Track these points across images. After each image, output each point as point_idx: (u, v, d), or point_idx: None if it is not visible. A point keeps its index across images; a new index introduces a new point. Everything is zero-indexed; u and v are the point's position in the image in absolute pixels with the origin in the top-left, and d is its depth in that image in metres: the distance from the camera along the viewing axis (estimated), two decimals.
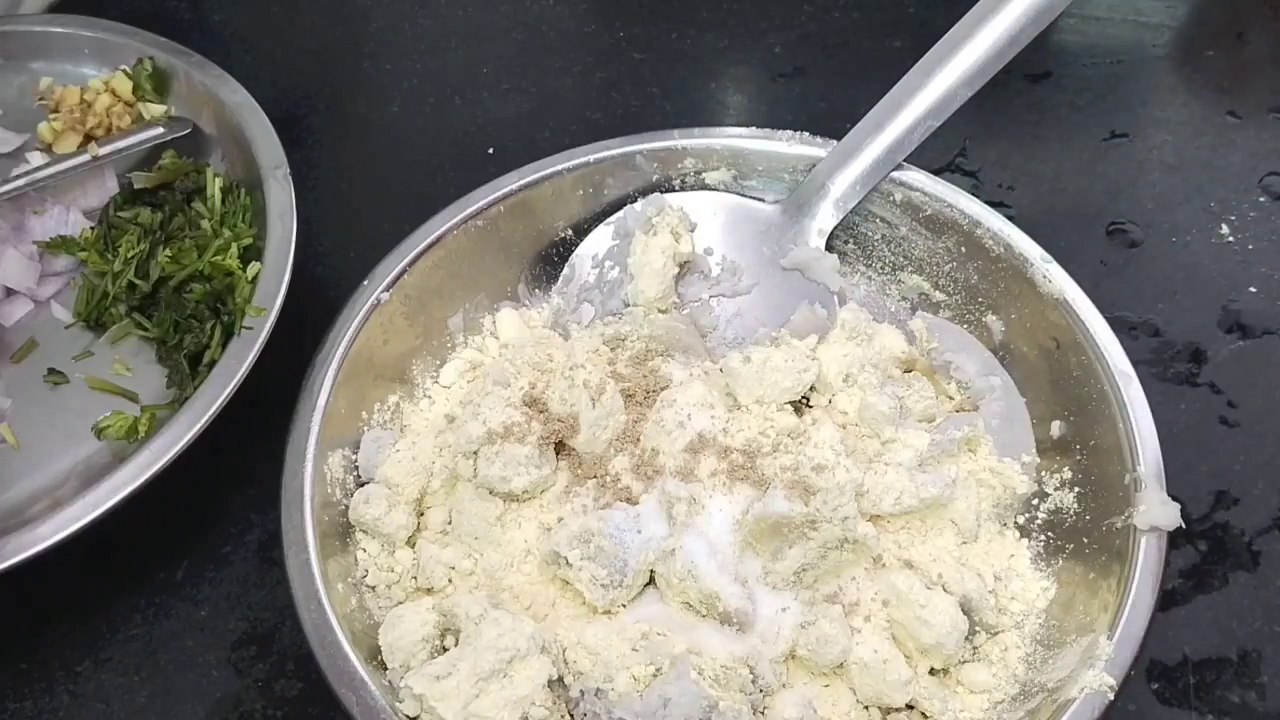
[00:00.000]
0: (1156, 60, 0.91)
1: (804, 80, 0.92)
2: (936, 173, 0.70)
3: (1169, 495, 0.56)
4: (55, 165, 0.78)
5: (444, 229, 0.69)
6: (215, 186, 0.77)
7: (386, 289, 0.66)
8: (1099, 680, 0.52)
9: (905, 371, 0.67)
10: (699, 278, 0.72)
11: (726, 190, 0.73)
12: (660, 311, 0.70)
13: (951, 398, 0.67)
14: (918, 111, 0.67)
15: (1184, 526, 0.56)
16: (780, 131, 0.72)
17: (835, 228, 0.70)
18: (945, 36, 0.68)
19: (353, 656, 0.54)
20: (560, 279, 0.73)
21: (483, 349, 0.71)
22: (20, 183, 0.76)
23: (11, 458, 0.69)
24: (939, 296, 0.70)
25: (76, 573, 0.65)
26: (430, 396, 0.69)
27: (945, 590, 0.57)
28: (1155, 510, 0.56)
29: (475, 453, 0.61)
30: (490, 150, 0.88)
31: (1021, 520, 0.63)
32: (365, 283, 0.66)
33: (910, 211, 0.70)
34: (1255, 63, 0.91)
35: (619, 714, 0.53)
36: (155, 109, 0.84)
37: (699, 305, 0.71)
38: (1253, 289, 0.76)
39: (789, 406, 0.64)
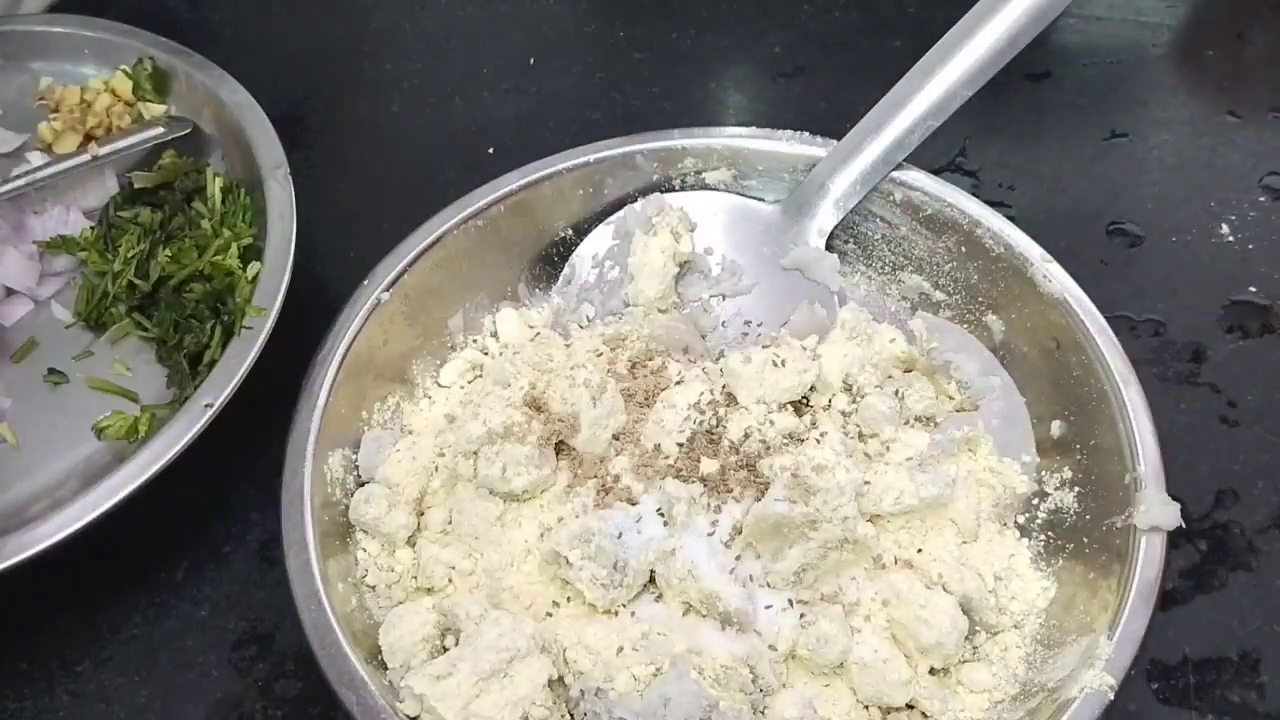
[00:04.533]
0: (1156, 60, 0.91)
1: (804, 80, 0.92)
2: (936, 173, 0.70)
3: (1169, 495, 0.57)
4: (55, 165, 0.78)
5: (444, 229, 0.69)
6: (215, 186, 0.77)
7: (386, 289, 0.66)
8: (1099, 680, 0.52)
9: (905, 371, 0.67)
10: (699, 278, 0.72)
11: (726, 190, 0.73)
12: (660, 311, 0.70)
13: (951, 398, 0.67)
14: (918, 111, 0.67)
15: (1184, 526, 0.56)
16: (780, 131, 0.72)
17: (835, 228, 0.70)
18: (945, 36, 0.68)
19: (353, 656, 0.54)
20: (560, 279, 0.73)
21: (483, 349, 0.71)
22: (20, 183, 0.76)
23: (11, 458, 0.69)
24: (939, 296, 0.70)
25: (76, 573, 0.65)
26: (430, 396, 0.69)
27: (945, 590, 0.57)
28: (1155, 510, 0.56)
29: (475, 453, 0.61)
30: (490, 150, 0.88)
31: (1021, 520, 0.63)
32: (365, 283, 0.66)
33: (910, 211, 0.70)
34: (1255, 63, 0.91)
35: (619, 714, 0.53)
36: (155, 109, 0.84)
37: (699, 305, 0.72)
38: (1253, 289, 0.76)
39: (789, 406, 0.64)
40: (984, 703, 0.56)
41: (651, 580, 0.58)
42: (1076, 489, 0.62)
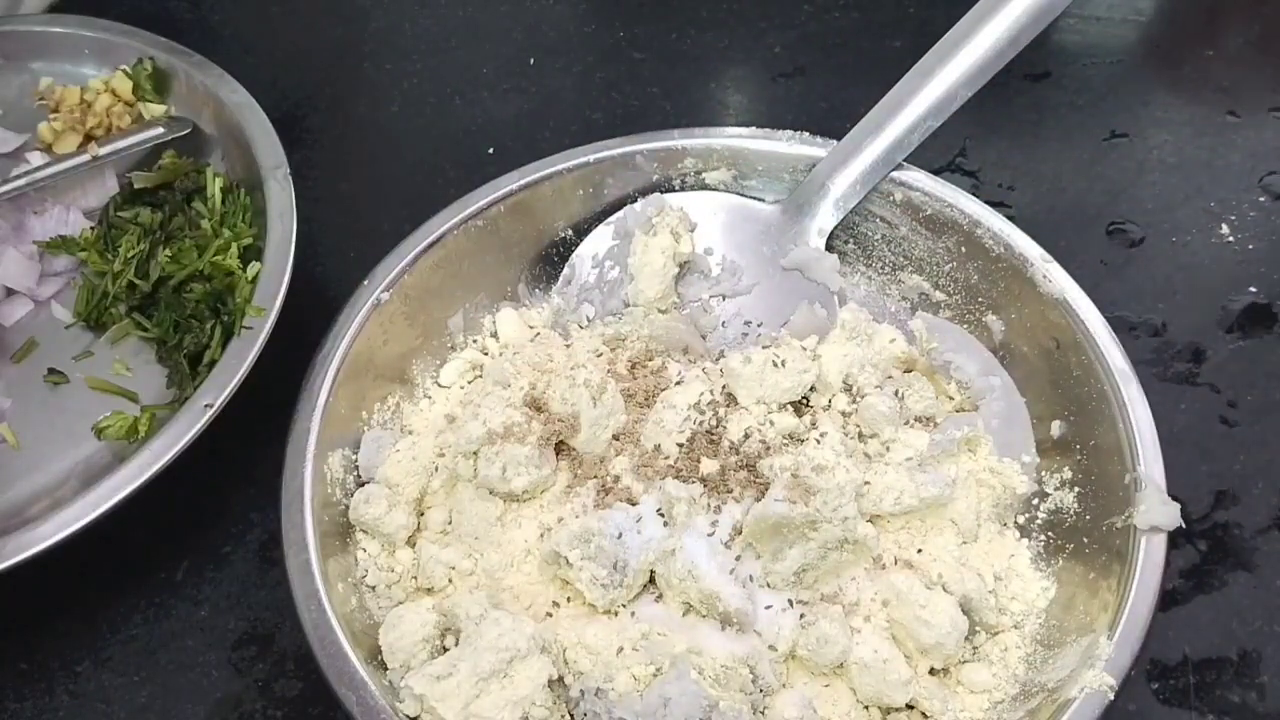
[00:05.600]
0: (1157, 60, 0.91)
1: (804, 80, 0.92)
2: (936, 173, 0.70)
3: (1169, 495, 0.57)
4: (55, 165, 0.78)
5: (444, 229, 0.69)
6: (215, 186, 0.77)
7: (386, 289, 0.66)
8: (1099, 680, 0.52)
9: (905, 371, 0.67)
10: (699, 278, 0.72)
11: (726, 190, 0.73)
12: (660, 311, 0.70)
13: (951, 398, 0.67)
14: (918, 111, 0.67)
15: (1184, 526, 0.56)
16: (780, 131, 0.72)
17: (835, 228, 0.70)
18: (945, 36, 0.68)
19: (353, 656, 0.54)
20: (560, 279, 0.73)
21: (483, 349, 0.71)
22: (20, 183, 0.76)
23: (11, 458, 0.69)
24: (939, 296, 0.70)
25: (76, 573, 0.65)
26: (430, 396, 0.69)
27: (945, 590, 0.57)
28: (1155, 510, 0.56)
29: (475, 453, 0.61)
30: (490, 150, 0.88)
31: (1021, 520, 0.63)
32: (365, 283, 0.66)
33: (910, 211, 0.70)
34: (1255, 63, 0.91)
35: (619, 714, 0.53)
36: (155, 109, 0.84)
37: (699, 305, 0.71)
38: (1253, 289, 0.76)
39: (789, 407, 0.64)
40: (984, 703, 0.56)
41: (651, 580, 0.58)
42: (1076, 489, 0.62)
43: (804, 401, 0.65)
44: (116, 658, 0.64)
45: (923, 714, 0.56)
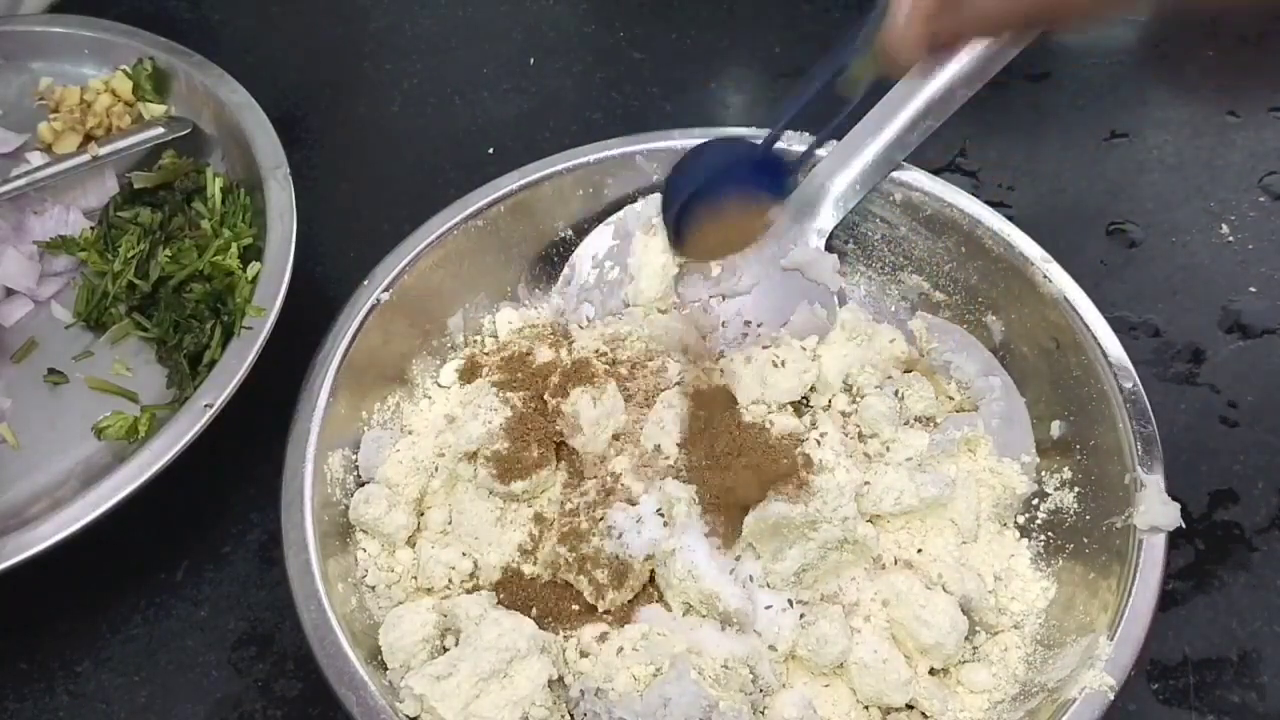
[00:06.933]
0: (1157, 60, 0.91)
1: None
2: (936, 173, 0.70)
3: (1169, 495, 0.57)
4: (55, 165, 0.78)
5: (444, 229, 0.69)
6: (215, 186, 0.77)
7: (386, 289, 0.66)
8: (1099, 680, 0.52)
9: (905, 371, 0.68)
10: (699, 278, 0.72)
11: None
12: (660, 311, 0.70)
13: (951, 398, 0.67)
14: (918, 111, 0.67)
15: (1184, 526, 0.56)
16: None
17: (835, 228, 0.70)
18: None
19: (353, 656, 0.54)
20: (560, 279, 0.73)
21: (483, 349, 0.71)
22: (20, 183, 0.76)
23: (11, 458, 0.69)
24: (939, 296, 0.70)
25: (76, 573, 0.65)
26: (430, 396, 0.69)
27: (945, 590, 0.57)
28: (1155, 510, 0.56)
29: (475, 452, 0.61)
30: (490, 150, 0.88)
31: (1021, 520, 0.63)
32: (365, 283, 0.66)
33: (910, 211, 0.70)
34: (1255, 63, 0.91)
35: (619, 714, 0.53)
36: (155, 109, 0.84)
37: (699, 305, 0.71)
38: (1253, 289, 0.76)
39: (789, 407, 0.64)
40: (984, 703, 0.56)
41: (651, 580, 0.58)
42: (1076, 489, 0.62)
43: (804, 401, 0.65)
44: (116, 658, 0.64)
45: (923, 714, 0.56)
